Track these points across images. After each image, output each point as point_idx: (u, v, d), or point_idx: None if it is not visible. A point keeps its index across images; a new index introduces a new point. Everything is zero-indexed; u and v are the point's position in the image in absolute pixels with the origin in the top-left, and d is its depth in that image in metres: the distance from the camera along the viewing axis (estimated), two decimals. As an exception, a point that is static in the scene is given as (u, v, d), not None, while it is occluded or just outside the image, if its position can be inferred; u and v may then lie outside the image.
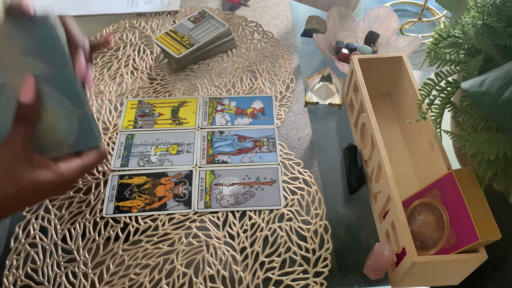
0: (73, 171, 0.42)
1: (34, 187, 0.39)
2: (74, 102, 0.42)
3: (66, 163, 0.42)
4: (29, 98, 0.40)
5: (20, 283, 0.51)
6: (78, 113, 0.42)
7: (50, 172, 0.40)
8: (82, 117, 0.42)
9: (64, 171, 0.41)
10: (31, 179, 0.39)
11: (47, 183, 0.40)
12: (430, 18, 0.84)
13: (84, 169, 0.43)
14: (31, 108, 0.40)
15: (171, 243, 0.55)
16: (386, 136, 0.63)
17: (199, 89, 0.73)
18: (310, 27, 0.80)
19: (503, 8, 0.47)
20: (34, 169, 0.39)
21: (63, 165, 0.42)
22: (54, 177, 0.40)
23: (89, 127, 0.43)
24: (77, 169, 0.43)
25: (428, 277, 0.46)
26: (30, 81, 0.40)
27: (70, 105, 0.42)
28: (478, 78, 0.40)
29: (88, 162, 0.44)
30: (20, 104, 0.40)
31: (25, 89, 0.40)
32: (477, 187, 0.45)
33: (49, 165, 0.41)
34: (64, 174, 0.41)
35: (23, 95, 0.40)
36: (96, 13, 0.86)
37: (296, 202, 0.58)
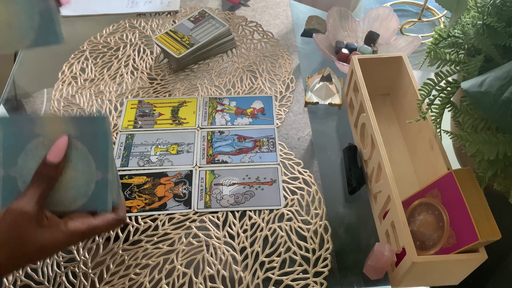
0: (81, 233, 0.41)
1: (40, 248, 0.39)
2: (99, 165, 0.41)
3: (76, 222, 0.41)
4: (57, 159, 0.40)
5: (20, 283, 0.51)
6: (98, 176, 0.42)
7: (58, 233, 0.40)
8: (101, 181, 0.42)
9: (72, 231, 0.40)
10: (38, 241, 0.39)
11: (53, 243, 0.39)
12: (430, 18, 0.84)
13: (94, 232, 0.42)
14: (55, 169, 0.40)
15: (171, 243, 0.55)
16: (386, 136, 0.63)
17: (199, 89, 0.73)
18: (310, 27, 0.80)
19: (503, 8, 0.47)
20: (44, 230, 0.39)
21: (73, 225, 0.41)
22: (61, 237, 0.40)
23: (105, 192, 0.42)
24: (86, 231, 0.41)
25: (428, 277, 0.46)
26: (63, 142, 0.40)
27: (94, 166, 0.41)
28: (478, 78, 0.40)
29: (100, 225, 0.42)
30: (45, 162, 0.40)
31: (56, 149, 0.40)
32: (477, 187, 0.45)
33: (59, 225, 0.40)
34: (72, 235, 0.40)
35: (52, 155, 0.40)
36: (96, 13, 0.86)
37: (296, 202, 0.58)
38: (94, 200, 0.42)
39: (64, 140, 0.40)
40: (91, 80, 0.74)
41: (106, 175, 0.42)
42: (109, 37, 0.82)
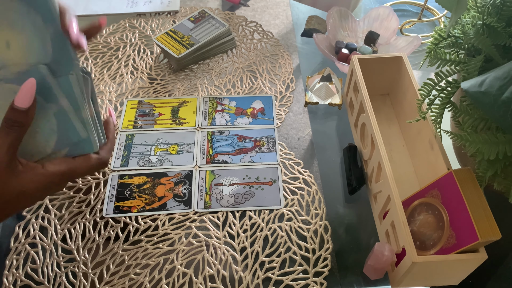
0: (61, 173, 0.39)
1: (19, 194, 0.37)
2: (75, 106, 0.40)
3: (55, 164, 0.39)
4: (26, 105, 0.36)
5: (20, 283, 0.51)
6: (54, 108, 0.39)
7: (36, 176, 0.38)
8: (59, 111, 0.40)
9: (51, 171, 0.39)
10: (15, 188, 0.37)
11: (33, 187, 0.38)
12: (430, 18, 0.84)
13: (76, 172, 0.41)
14: (25, 115, 0.37)
15: (171, 243, 0.55)
16: (386, 136, 0.63)
17: (199, 89, 0.73)
18: (310, 27, 0.80)
19: (503, 8, 0.47)
20: (20, 176, 0.37)
21: (51, 165, 0.39)
22: (41, 179, 0.38)
23: (69, 123, 0.40)
24: (66, 171, 0.40)
25: (428, 277, 0.46)
26: (31, 85, 0.37)
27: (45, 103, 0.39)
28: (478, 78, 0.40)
29: (81, 166, 0.41)
30: (13, 108, 0.36)
31: (23, 93, 0.36)
32: (477, 187, 0.45)
33: (36, 169, 0.38)
34: (52, 176, 0.39)
35: (19, 100, 0.36)
36: (96, 13, 0.86)
37: (296, 202, 0.58)
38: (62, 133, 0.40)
39: (31, 82, 0.36)
40: (91, 80, 0.74)
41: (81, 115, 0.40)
42: (109, 37, 0.82)
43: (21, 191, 0.37)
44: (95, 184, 0.60)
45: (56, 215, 0.57)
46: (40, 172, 0.38)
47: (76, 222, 0.56)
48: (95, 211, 0.57)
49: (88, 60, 0.78)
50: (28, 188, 0.38)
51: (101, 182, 0.60)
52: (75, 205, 0.58)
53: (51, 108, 0.39)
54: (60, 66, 0.39)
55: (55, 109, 0.40)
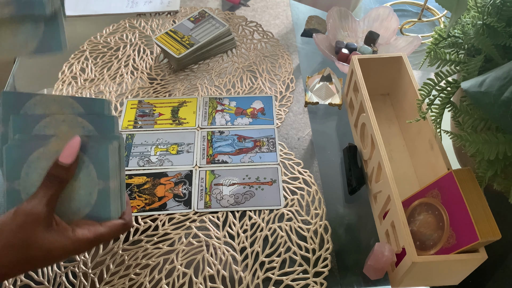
0: (89, 241, 0.40)
1: (46, 252, 0.38)
2: (100, 174, 0.41)
3: (84, 229, 0.40)
4: (69, 160, 0.39)
5: (20, 283, 0.51)
6: (100, 184, 0.41)
7: (65, 239, 0.39)
8: (103, 189, 0.42)
9: (80, 238, 0.39)
10: (45, 245, 0.37)
11: (60, 249, 0.38)
12: (430, 18, 0.84)
13: (101, 240, 0.41)
14: (67, 170, 0.39)
15: (171, 243, 0.55)
16: (386, 136, 0.63)
17: (199, 89, 0.73)
18: (310, 27, 0.80)
19: (503, 8, 0.47)
20: (51, 234, 0.38)
21: (80, 232, 0.40)
22: (68, 244, 0.39)
23: (107, 201, 0.42)
24: (93, 239, 0.40)
25: (428, 277, 0.46)
26: (76, 143, 0.39)
27: (96, 175, 0.41)
28: (478, 78, 0.40)
29: (107, 233, 0.42)
30: (57, 164, 0.38)
31: (68, 150, 0.39)
32: (477, 187, 0.45)
33: (67, 231, 0.39)
34: (79, 242, 0.39)
35: (64, 156, 0.38)
36: (96, 13, 0.86)
37: (296, 202, 0.58)
38: (97, 209, 0.42)
39: (76, 141, 0.39)
40: (91, 80, 0.74)
41: (108, 184, 0.42)
42: (109, 37, 0.82)
43: (49, 249, 0.38)
44: (95, 184, 0.60)
45: (56, 215, 0.57)
46: (69, 236, 0.39)
47: (76, 222, 0.56)
48: (95, 211, 0.57)
49: (88, 60, 0.78)
50: (55, 248, 0.38)
51: (101, 182, 0.60)
52: (75, 205, 0.58)
53: (99, 184, 0.41)
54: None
55: (102, 187, 0.42)
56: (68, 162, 0.39)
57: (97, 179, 0.41)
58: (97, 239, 0.41)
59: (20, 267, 0.38)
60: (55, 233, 0.38)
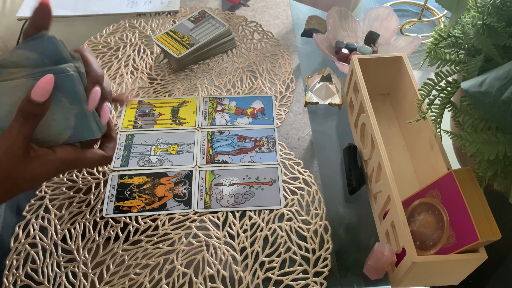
0: (70, 161, 0.42)
1: (31, 178, 0.39)
2: (73, 101, 0.42)
3: (65, 151, 0.42)
4: (43, 98, 0.39)
5: (20, 283, 0.51)
6: (75, 109, 0.42)
7: (47, 161, 0.40)
8: (79, 113, 0.42)
9: (61, 158, 0.41)
10: (28, 173, 0.39)
11: (43, 172, 0.40)
12: (430, 18, 0.84)
13: (82, 162, 0.43)
14: (40, 107, 0.39)
15: (171, 243, 0.55)
16: (386, 136, 0.63)
17: (199, 89, 0.73)
18: (310, 27, 0.80)
19: (503, 8, 0.47)
20: (32, 162, 0.39)
21: (62, 152, 0.41)
22: (51, 165, 0.40)
23: (86, 122, 0.43)
24: (74, 160, 0.42)
25: (428, 277, 0.46)
26: (49, 80, 0.39)
27: (68, 102, 0.41)
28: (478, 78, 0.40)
29: (88, 157, 0.43)
30: (29, 100, 0.38)
31: (41, 87, 0.38)
32: (477, 187, 0.45)
33: (47, 155, 0.40)
34: (61, 162, 0.41)
35: (37, 93, 0.38)
36: (96, 13, 0.86)
37: (296, 202, 0.58)
38: (78, 131, 0.43)
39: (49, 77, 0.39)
40: (91, 80, 0.74)
41: (82, 107, 0.42)
42: (109, 37, 0.82)
43: (32, 175, 0.39)
44: (95, 184, 0.60)
45: (56, 215, 0.57)
46: (51, 158, 0.41)
47: (76, 222, 0.56)
48: (95, 211, 0.57)
49: (88, 60, 0.78)
50: (38, 173, 0.40)
51: (101, 182, 0.60)
52: (75, 205, 0.58)
53: (73, 109, 0.42)
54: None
55: (77, 110, 0.42)
56: (41, 100, 0.39)
57: (70, 105, 0.41)
58: (78, 160, 0.42)
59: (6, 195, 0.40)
60: (35, 160, 0.40)
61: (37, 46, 0.40)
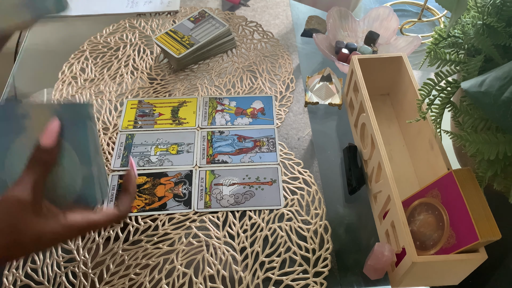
0: (80, 227, 0.39)
1: (37, 238, 0.37)
2: (83, 160, 0.41)
3: (76, 215, 0.39)
4: (50, 142, 0.38)
5: (20, 283, 0.51)
6: (84, 171, 0.41)
7: (56, 224, 0.38)
8: (87, 176, 0.41)
9: (71, 223, 0.39)
10: (35, 230, 0.37)
11: (51, 234, 0.37)
12: (430, 18, 0.84)
13: (94, 227, 0.40)
14: (50, 153, 0.39)
15: (171, 243, 0.55)
16: (386, 136, 0.63)
17: (199, 89, 0.73)
18: (310, 27, 0.80)
19: (503, 8, 0.47)
20: (41, 219, 0.37)
21: (72, 217, 0.39)
22: (59, 229, 0.38)
23: (92, 187, 0.42)
24: (85, 226, 0.40)
25: (428, 277, 0.46)
26: (55, 125, 0.39)
27: (78, 161, 0.41)
28: (478, 78, 0.40)
29: (100, 221, 0.41)
30: (39, 147, 0.38)
31: (49, 132, 0.38)
32: (477, 187, 0.45)
33: (57, 216, 0.38)
34: (71, 227, 0.39)
35: (45, 138, 0.38)
36: (96, 13, 0.86)
37: (296, 202, 0.58)
38: (83, 195, 0.41)
39: (55, 124, 0.39)
40: (91, 80, 0.74)
41: (90, 169, 0.41)
42: (109, 37, 0.82)
43: (39, 235, 0.37)
44: (95, 184, 0.60)
45: (56, 215, 0.57)
46: (61, 221, 0.38)
47: (76, 222, 0.56)
48: (95, 211, 0.57)
49: (88, 60, 0.78)
50: (45, 233, 0.37)
51: (101, 182, 0.60)
52: (75, 205, 0.58)
53: (82, 170, 0.41)
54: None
55: (86, 173, 0.41)
56: (49, 144, 0.38)
57: (80, 165, 0.41)
58: (89, 226, 0.40)
59: (11, 253, 0.37)
60: (45, 218, 0.37)
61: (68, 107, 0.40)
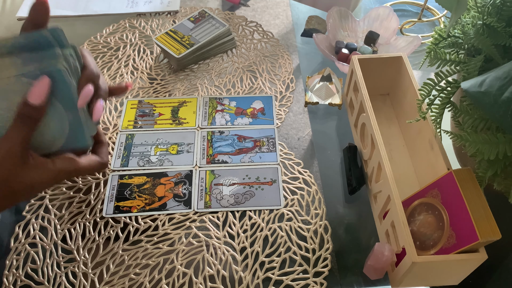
0: (68, 171, 0.42)
1: (28, 186, 0.39)
2: (67, 106, 0.41)
3: (63, 161, 0.42)
4: (39, 101, 0.38)
5: (20, 283, 0.51)
6: (69, 116, 0.41)
7: (46, 171, 0.40)
8: (74, 120, 0.42)
9: (59, 169, 0.41)
10: (26, 180, 0.39)
11: (41, 181, 0.40)
12: (430, 18, 0.84)
13: (80, 172, 0.43)
14: (38, 110, 0.38)
15: (171, 243, 0.55)
16: (386, 136, 0.63)
17: (199, 89, 0.73)
18: (310, 27, 0.80)
19: (503, 8, 0.47)
20: (30, 169, 0.39)
21: (60, 163, 0.41)
22: (49, 175, 0.40)
23: (80, 129, 0.42)
24: (72, 170, 0.42)
25: (428, 277, 0.46)
26: (45, 83, 0.38)
27: (62, 108, 0.41)
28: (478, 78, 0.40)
29: (85, 166, 0.44)
30: (26, 104, 0.38)
31: (38, 90, 0.38)
32: (477, 187, 0.45)
33: (46, 164, 0.40)
34: (59, 172, 0.41)
35: (34, 96, 0.38)
36: (96, 13, 0.86)
37: (296, 202, 0.58)
38: (72, 139, 0.42)
39: (45, 79, 0.38)
40: (91, 80, 0.74)
41: (77, 113, 0.41)
42: (109, 37, 0.82)
43: (30, 184, 0.39)
44: (95, 184, 0.60)
45: (56, 215, 0.57)
46: (49, 167, 0.40)
47: (76, 222, 0.56)
48: (95, 211, 0.57)
49: (88, 60, 0.78)
50: (36, 182, 0.40)
51: (101, 182, 0.60)
52: (75, 205, 0.58)
53: (68, 115, 0.41)
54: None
55: (71, 117, 0.42)
56: (37, 102, 0.38)
57: (65, 111, 0.41)
58: (76, 171, 0.42)
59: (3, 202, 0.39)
60: (34, 168, 0.39)
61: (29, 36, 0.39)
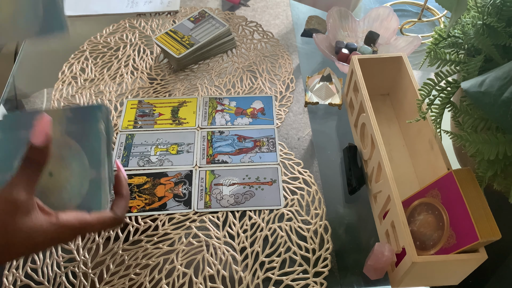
0: (73, 227, 0.38)
1: (27, 237, 0.35)
2: (93, 163, 0.40)
3: (69, 216, 0.38)
4: (40, 141, 0.36)
5: (20, 283, 0.51)
6: (92, 174, 0.40)
7: (48, 224, 0.37)
8: (95, 179, 0.40)
9: (63, 223, 0.37)
10: (25, 229, 0.35)
11: (42, 235, 0.36)
12: (430, 18, 0.84)
13: (87, 229, 0.39)
14: (41, 152, 0.37)
15: (171, 243, 0.55)
16: (386, 136, 0.63)
17: (199, 89, 0.73)
18: (310, 27, 0.80)
19: (503, 8, 0.47)
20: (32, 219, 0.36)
21: (64, 217, 0.38)
22: (51, 229, 0.37)
23: (98, 191, 0.41)
24: (78, 226, 0.38)
25: (428, 277, 0.46)
26: (45, 122, 0.37)
27: (88, 164, 0.40)
28: (478, 78, 0.40)
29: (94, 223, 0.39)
30: (30, 146, 0.36)
31: (38, 130, 0.36)
32: (477, 187, 0.45)
33: (49, 217, 0.37)
34: (63, 227, 0.37)
35: (35, 137, 0.36)
36: (96, 13, 0.86)
37: (296, 202, 0.58)
38: (87, 200, 0.40)
39: (45, 120, 0.37)
40: (91, 80, 0.74)
41: (99, 173, 0.40)
42: (109, 37, 0.82)
43: (28, 235, 0.36)
44: (95, 184, 0.60)
45: (56, 215, 0.57)
46: (52, 221, 0.37)
47: (76, 222, 0.56)
48: (95, 211, 0.57)
49: (88, 60, 0.78)
50: (35, 234, 0.36)
51: (101, 182, 0.60)
52: (75, 205, 0.58)
53: (91, 174, 0.40)
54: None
55: (94, 176, 0.40)
56: (38, 142, 0.36)
57: (90, 168, 0.40)
58: (82, 227, 0.38)
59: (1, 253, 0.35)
60: (36, 218, 0.36)
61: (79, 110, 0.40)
